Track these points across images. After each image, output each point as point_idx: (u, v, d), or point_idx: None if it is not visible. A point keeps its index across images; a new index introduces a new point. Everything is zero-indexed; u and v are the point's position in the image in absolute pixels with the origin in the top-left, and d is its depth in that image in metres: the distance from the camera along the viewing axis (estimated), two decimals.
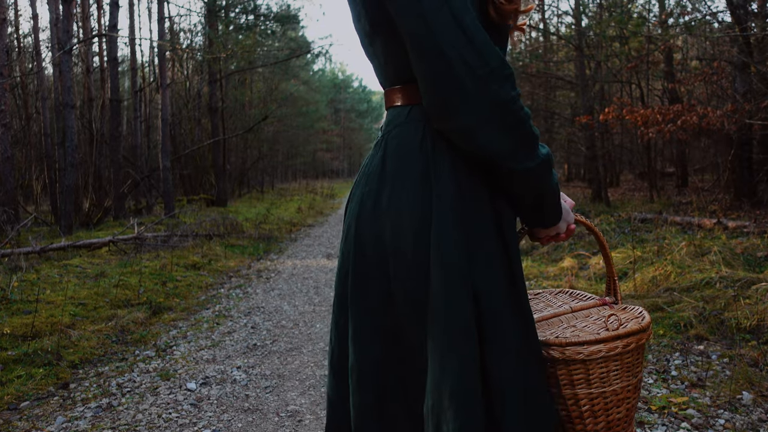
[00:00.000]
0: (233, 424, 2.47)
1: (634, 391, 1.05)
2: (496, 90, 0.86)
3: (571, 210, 1.05)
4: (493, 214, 0.94)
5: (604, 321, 1.08)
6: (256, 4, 15.44)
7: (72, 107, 8.81)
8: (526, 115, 0.89)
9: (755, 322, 3.22)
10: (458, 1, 0.87)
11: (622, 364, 1.02)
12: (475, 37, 0.86)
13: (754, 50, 7.52)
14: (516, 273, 0.94)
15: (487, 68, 0.86)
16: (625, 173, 16.74)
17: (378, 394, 0.98)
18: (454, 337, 0.88)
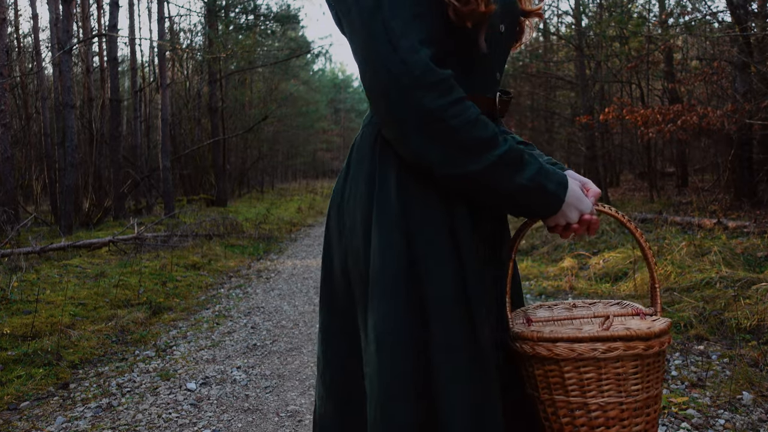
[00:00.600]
0: (233, 424, 2.47)
1: (632, 415, 0.86)
2: (420, 99, 0.83)
3: (596, 199, 0.95)
4: (443, 215, 0.91)
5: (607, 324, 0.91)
6: (256, 4, 15.44)
7: (72, 107, 8.81)
8: (463, 120, 0.85)
9: (755, 322, 3.21)
10: (391, 6, 0.85)
11: (610, 373, 0.86)
12: (399, 43, 0.84)
13: (754, 50, 7.51)
14: (468, 274, 0.91)
15: (411, 76, 0.83)
16: (625, 173, 16.74)
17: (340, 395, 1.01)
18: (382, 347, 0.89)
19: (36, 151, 13.41)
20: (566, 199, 0.92)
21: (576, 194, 0.93)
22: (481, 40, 0.91)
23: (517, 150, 0.89)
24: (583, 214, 0.94)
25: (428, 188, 0.91)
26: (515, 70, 14.70)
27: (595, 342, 0.85)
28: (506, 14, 0.96)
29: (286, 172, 34.27)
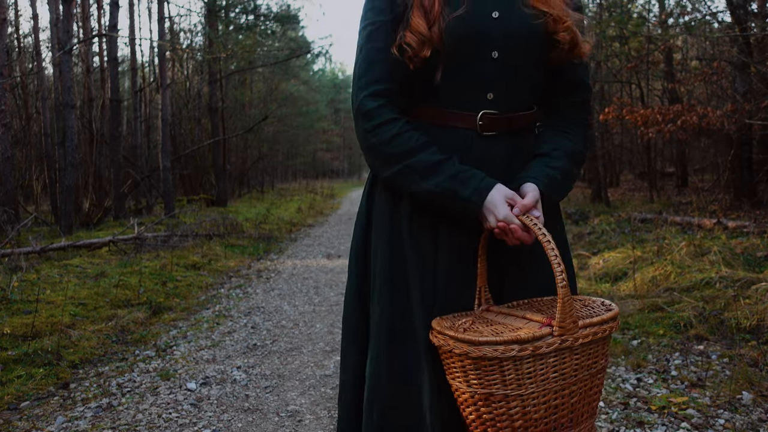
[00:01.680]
0: (233, 424, 2.47)
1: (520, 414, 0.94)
2: (358, 124, 1.12)
3: (528, 207, 1.02)
4: (389, 209, 1.16)
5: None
6: (256, 4, 15.45)
7: (72, 107, 8.81)
8: (379, 140, 1.09)
9: (755, 322, 3.22)
10: (363, 53, 1.12)
11: (481, 369, 0.94)
12: (357, 82, 1.12)
13: (754, 50, 7.52)
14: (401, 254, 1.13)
15: (354, 108, 1.12)
16: (625, 173, 16.74)
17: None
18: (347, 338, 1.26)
19: (36, 151, 13.41)
20: (484, 205, 1.04)
21: (493, 201, 1.03)
22: (437, 73, 1.09)
23: (428, 161, 1.06)
24: (498, 221, 1.02)
25: (383, 190, 1.18)
26: None
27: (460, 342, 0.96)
28: (494, 44, 1.08)
29: (286, 172, 34.27)
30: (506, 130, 1.13)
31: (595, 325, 0.98)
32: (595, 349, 0.99)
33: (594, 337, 0.97)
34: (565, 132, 1.16)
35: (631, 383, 2.74)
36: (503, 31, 1.08)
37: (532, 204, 1.04)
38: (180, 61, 17.61)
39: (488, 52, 1.08)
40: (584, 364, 0.98)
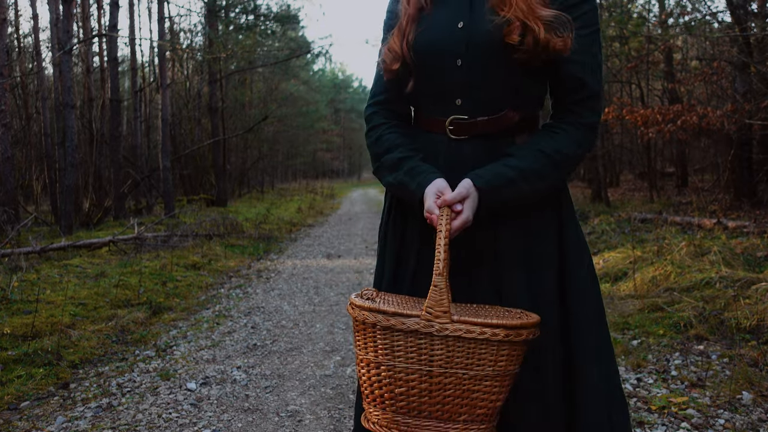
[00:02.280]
0: (233, 424, 2.47)
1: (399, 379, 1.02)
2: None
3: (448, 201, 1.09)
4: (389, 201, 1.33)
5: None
6: (256, 4, 15.44)
7: (72, 107, 8.82)
8: (369, 142, 1.29)
9: (755, 322, 3.22)
10: (380, 50, 1.29)
11: (360, 332, 1.06)
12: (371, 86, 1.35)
13: (754, 50, 7.52)
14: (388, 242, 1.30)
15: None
16: (625, 173, 16.74)
17: None
18: None
19: (36, 151, 13.41)
20: (423, 197, 1.13)
21: (426, 193, 1.13)
22: (409, 84, 1.21)
23: (394, 158, 1.20)
24: (425, 210, 1.13)
25: None
26: None
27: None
28: (457, 53, 1.14)
29: (286, 172, 34.28)
30: (477, 133, 1.17)
31: (476, 325, 0.98)
32: (481, 350, 0.99)
33: (469, 335, 0.97)
34: (553, 131, 1.16)
35: (631, 383, 2.74)
36: (466, 39, 1.14)
37: (454, 198, 1.08)
38: (180, 61, 17.61)
39: (453, 61, 1.15)
40: (460, 360, 0.99)
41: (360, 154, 50.22)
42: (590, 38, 1.15)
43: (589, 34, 1.14)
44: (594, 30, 1.15)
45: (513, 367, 1.02)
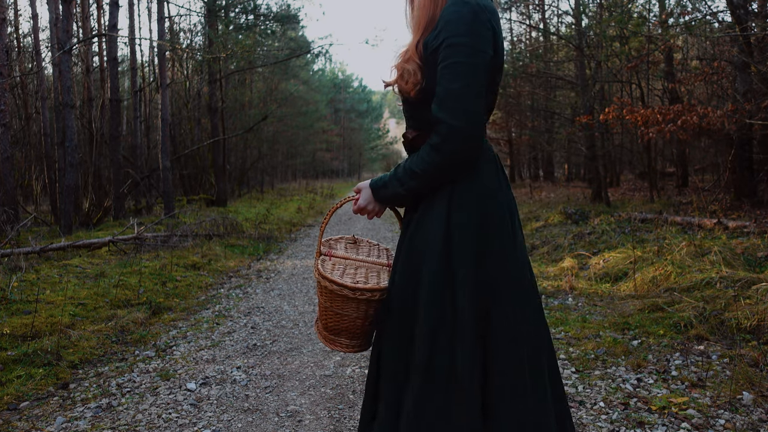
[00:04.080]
0: (233, 424, 2.47)
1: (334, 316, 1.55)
2: None
3: (355, 191, 1.56)
4: None
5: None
6: (256, 4, 15.43)
7: (72, 107, 8.81)
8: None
9: (755, 322, 3.21)
10: None
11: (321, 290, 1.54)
12: None
13: (755, 50, 7.51)
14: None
15: None
16: (625, 173, 16.74)
17: None
18: None
19: (36, 151, 13.40)
20: None
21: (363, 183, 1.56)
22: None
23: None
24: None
25: None
26: (515, 70, 14.69)
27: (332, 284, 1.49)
28: None
29: (286, 172, 34.26)
30: (406, 144, 1.52)
31: (327, 280, 1.49)
32: (337, 298, 1.50)
33: (332, 288, 1.48)
34: (420, 149, 1.42)
35: (632, 383, 2.73)
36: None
37: (356, 189, 1.54)
38: (180, 61, 17.60)
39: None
40: (329, 300, 1.53)
41: (360, 154, 50.20)
42: (444, 72, 1.33)
43: (442, 68, 1.33)
44: (448, 64, 1.32)
45: (363, 310, 1.51)
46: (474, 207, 1.38)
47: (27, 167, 13.52)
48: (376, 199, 1.49)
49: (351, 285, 1.47)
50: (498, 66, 1.42)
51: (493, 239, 1.37)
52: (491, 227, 1.37)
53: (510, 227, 1.41)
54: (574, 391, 2.68)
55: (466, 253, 1.35)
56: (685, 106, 7.47)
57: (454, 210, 1.38)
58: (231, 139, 16.30)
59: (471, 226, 1.36)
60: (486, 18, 1.35)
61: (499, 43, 1.40)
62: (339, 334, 1.58)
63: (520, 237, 1.47)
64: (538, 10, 19.20)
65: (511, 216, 1.44)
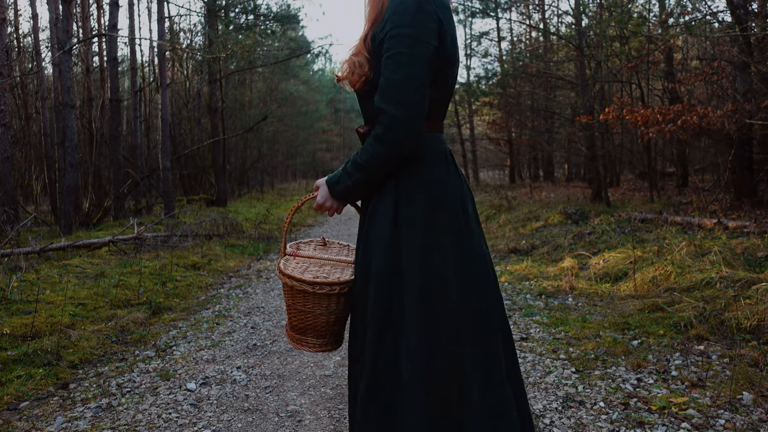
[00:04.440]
0: (233, 424, 2.47)
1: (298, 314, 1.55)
2: None
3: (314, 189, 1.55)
4: None
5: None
6: (256, 4, 15.43)
7: (72, 107, 8.81)
8: None
9: (755, 322, 3.21)
10: None
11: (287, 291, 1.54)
12: None
13: (755, 50, 7.51)
14: None
15: None
16: (625, 173, 16.73)
17: None
18: None
19: (36, 151, 13.40)
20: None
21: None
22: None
23: None
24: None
25: None
26: (515, 70, 14.68)
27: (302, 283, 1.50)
28: None
29: (286, 172, 34.25)
30: (362, 142, 1.48)
31: (286, 276, 1.51)
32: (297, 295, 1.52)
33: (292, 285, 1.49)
34: (364, 143, 1.42)
35: (632, 383, 2.73)
36: None
37: (315, 188, 1.52)
38: (180, 61, 17.60)
39: None
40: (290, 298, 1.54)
41: None
42: (386, 63, 1.33)
43: (385, 59, 1.34)
44: (390, 54, 1.32)
45: (324, 306, 1.51)
46: (421, 201, 1.38)
47: (27, 167, 13.52)
48: (331, 195, 1.48)
49: (309, 279, 1.48)
50: (447, 58, 1.39)
51: (441, 233, 1.37)
52: (439, 221, 1.37)
53: (461, 221, 1.39)
54: (574, 391, 2.68)
55: (414, 248, 1.35)
56: (685, 106, 7.46)
57: (402, 204, 1.39)
58: (231, 139, 16.30)
59: (418, 220, 1.37)
60: (432, 9, 1.34)
61: (447, 34, 1.38)
62: (305, 333, 1.56)
63: (476, 230, 1.45)
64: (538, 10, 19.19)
65: (464, 209, 1.42)
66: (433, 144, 1.43)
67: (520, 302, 4.49)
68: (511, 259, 6.55)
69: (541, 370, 2.96)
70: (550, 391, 2.69)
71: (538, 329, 3.72)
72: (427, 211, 1.37)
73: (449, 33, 1.39)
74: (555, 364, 3.05)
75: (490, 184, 21.84)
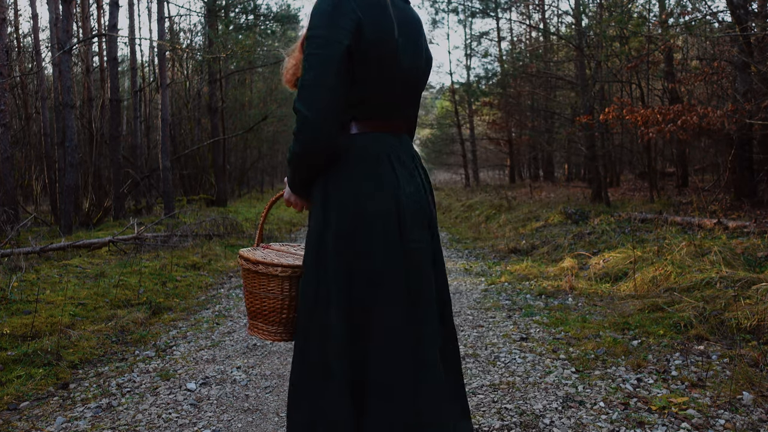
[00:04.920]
0: (233, 424, 2.47)
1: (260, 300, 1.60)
2: None
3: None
4: None
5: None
6: (256, 4, 15.43)
7: (72, 107, 8.81)
8: None
9: (755, 322, 3.21)
10: None
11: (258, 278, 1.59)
12: None
13: (755, 50, 7.51)
14: None
15: None
16: (625, 173, 16.73)
17: None
18: None
19: (36, 151, 13.41)
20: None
21: None
22: None
23: None
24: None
25: None
26: (515, 70, 14.68)
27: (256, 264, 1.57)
28: None
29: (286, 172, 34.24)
30: None
31: (240, 257, 1.61)
32: (251, 278, 1.59)
33: (238, 262, 1.69)
34: None
35: (632, 383, 2.73)
36: None
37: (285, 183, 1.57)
38: (180, 61, 17.60)
39: None
40: (244, 279, 1.62)
41: None
42: (303, 64, 1.35)
43: (303, 60, 1.36)
44: (305, 56, 1.35)
45: (271, 289, 1.55)
46: (343, 207, 1.39)
47: (27, 167, 13.52)
48: (291, 191, 1.52)
49: (253, 258, 1.54)
50: (370, 57, 1.37)
51: (361, 240, 1.37)
52: (359, 228, 1.37)
53: (386, 227, 1.38)
54: (574, 391, 2.68)
55: (332, 253, 1.37)
56: (685, 106, 7.46)
57: (328, 208, 1.41)
58: (231, 139, 16.29)
59: (336, 226, 1.39)
60: (350, 8, 1.34)
61: (366, 32, 1.35)
62: (255, 318, 1.61)
63: (413, 235, 1.42)
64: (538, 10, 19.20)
65: (397, 215, 1.39)
66: (367, 145, 1.42)
67: (520, 302, 4.49)
68: (511, 259, 6.55)
69: (541, 370, 2.97)
70: (550, 391, 2.69)
71: (538, 329, 3.72)
72: (349, 216, 1.38)
73: (374, 30, 1.36)
74: (555, 364, 3.05)
75: (490, 184, 21.85)
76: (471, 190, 17.93)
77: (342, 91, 1.34)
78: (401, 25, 1.42)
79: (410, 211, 1.42)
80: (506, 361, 3.13)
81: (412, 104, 1.54)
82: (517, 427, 2.32)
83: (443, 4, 20.68)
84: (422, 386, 1.37)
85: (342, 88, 1.34)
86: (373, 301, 1.36)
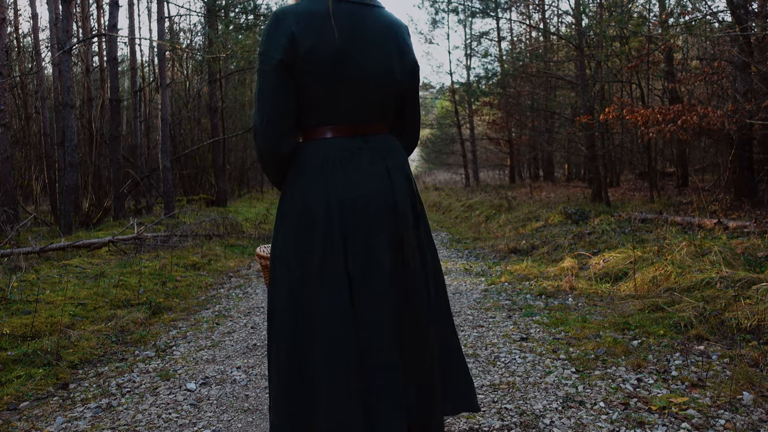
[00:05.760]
0: (233, 424, 2.47)
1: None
2: None
3: None
4: None
5: None
6: (256, 4, 15.42)
7: (72, 107, 8.81)
8: None
9: (756, 322, 3.21)
10: None
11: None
12: None
13: (755, 50, 7.51)
14: None
15: None
16: (626, 173, 16.73)
17: None
18: None
19: (36, 151, 13.40)
20: None
21: None
22: None
23: None
24: None
25: None
26: (515, 70, 14.68)
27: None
28: None
29: None
30: None
31: (257, 256, 1.84)
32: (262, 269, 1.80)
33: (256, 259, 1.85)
34: None
35: (632, 383, 2.73)
36: None
37: None
38: (180, 61, 17.60)
39: None
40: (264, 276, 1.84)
41: None
42: None
43: None
44: (256, 71, 1.61)
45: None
46: (286, 205, 1.51)
47: (27, 167, 13.52)
48: None
49: (261, 254, 1.73)
50: (310, 69, 1.40)
51: (293, 236, 1.48)
52: (290, 226, 1.49)
53: (311, 233, 1.42)
54: (574, 391, 2.68)
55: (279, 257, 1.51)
56: (685, 106, 7.46)
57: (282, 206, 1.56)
58: (231, 139, 16.30)
59: (281, 230, 1.52)
60: (286, 25, 1.40)
61: (300, 46, 1.38)
62: None
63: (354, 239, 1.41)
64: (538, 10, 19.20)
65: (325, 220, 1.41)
66: (311, 153, 1.47)
67: (520, 302, 4.49)
68: (511, 259, 6.55)
69: (541, 370, 2.96)
70: (550, 391, 2.69)
71: (538, 329, 3.72)
72: (287, 223, 1.50)
73: (310, 43, 1.39)
74: (555, 364, 3.05)
75: (490, 184, 21.84)
76: (471, 190, 17.93)
77: (284, 102, 1.42)
78: (351, 33, 1.42)
79: (352, 213, 1.42)
80: (506, 361, 3.13)
81: (382, 107, 1.51)
82: (517, 427, 2.32)
83: (443, 4, 20.70)
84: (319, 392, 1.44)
85: (283, 99, 1.42)
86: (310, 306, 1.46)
